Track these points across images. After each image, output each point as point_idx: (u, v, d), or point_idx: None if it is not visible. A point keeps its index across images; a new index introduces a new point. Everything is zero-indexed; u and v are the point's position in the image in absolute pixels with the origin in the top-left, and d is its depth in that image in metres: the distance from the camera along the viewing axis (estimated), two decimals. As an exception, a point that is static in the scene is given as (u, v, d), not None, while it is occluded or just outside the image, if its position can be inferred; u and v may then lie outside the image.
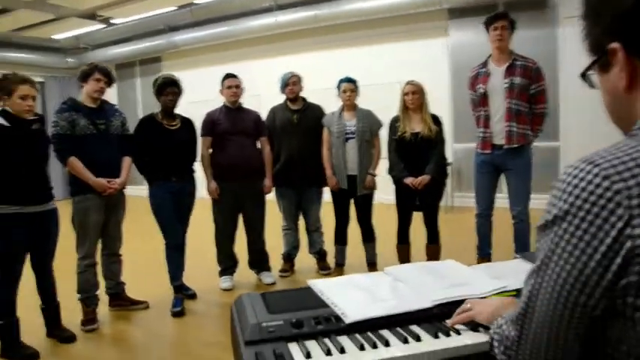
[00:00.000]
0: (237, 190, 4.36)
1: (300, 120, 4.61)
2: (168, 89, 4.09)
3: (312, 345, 1.22)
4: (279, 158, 4.62)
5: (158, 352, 3.39)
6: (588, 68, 0.86)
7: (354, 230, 4.68)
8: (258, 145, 4.58)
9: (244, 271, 4.65)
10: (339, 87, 4.54)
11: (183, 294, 4.15)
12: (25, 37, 10.14)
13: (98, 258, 3.91)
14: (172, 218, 4.10)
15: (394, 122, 4.26)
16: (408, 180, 4.10)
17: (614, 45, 0.78)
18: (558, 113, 7.14)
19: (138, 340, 3.62)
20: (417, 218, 4.36)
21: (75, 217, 3.75)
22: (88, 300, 3.77)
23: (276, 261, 4.74)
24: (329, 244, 4.77)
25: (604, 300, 0.72)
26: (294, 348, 1.20)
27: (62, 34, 10.32)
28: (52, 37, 10.51)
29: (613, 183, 0.70)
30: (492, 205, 4.13)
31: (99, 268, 3.92)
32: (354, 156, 4.45)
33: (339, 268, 4.70)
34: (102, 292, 3.95)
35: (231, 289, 4.46)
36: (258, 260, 4.62)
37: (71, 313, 3.70)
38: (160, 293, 4.23)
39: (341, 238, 4.67)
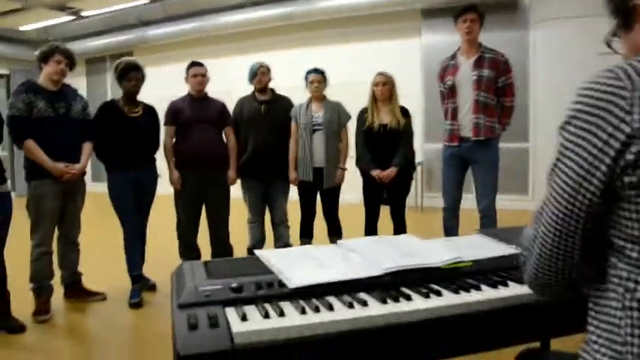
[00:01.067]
0: (201, 179, 4.24)
1: (267, 111, 4.52)
2: (131, 74, 3.97)
3: (250, 309, 1.14)
4: (246, 149, 4.53)
5: (113, 343, 3.25)
6: (614, 30, 0.95)
7: (320, 225, 4.60)
8: (224, 136, 4.48)
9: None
10: (306, 78, 4.48)
11: (142, 285, 4.02)
12: (-10, 27, 9.89)
13: (54, 247, 3.76)
14: (131, 207, 3.97)
15: (362, 113, 4.22)
16: (375, 172, 4.06)
17: (638, 1, 0.88)
18: (528, 115, 7.19)
19: (92, 331, 3.48)
20: (385, 213, 4.31)
21: (30, 202, 3.60)
22: (41, 289, 3.62)
23: (240, 254, 4.64)
24: (295, 238, 4.68)
25: (604, 184, 0.83)
26: (230, 311, 1.12)
27: (30, 25, 10.08)
28: (20, 28, 10.26)
29: (614, 84, 0.82)
30: (459, 199, 4.10)
31: (55, 258, 3.77)
32: (320, 148, 4.38)
33: (305, 263, 4.61)
34: (57, 283, 3.80)
35: (193, 281, 4.33)
36: (222, 253, 4.49)
37: (23, 304, 3.54)
38: (119, 285, 4.09)
39: (307, 232, 4.59)
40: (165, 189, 4.31)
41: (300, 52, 8.55)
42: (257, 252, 1.50)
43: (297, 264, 1.36)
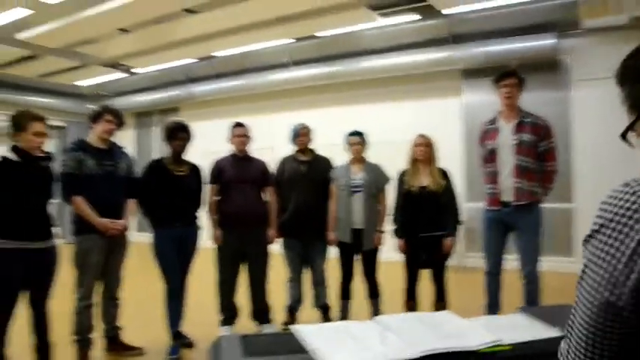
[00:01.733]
0: (241, 238, 4.30)
1: (308, 171, 4.59)
2: (179, 134, 4.13)
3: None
4: (287, 209, 4.58)
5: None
6: (629, 127, 0.93)
7: (359, 285, 4.57)
8: (265, 195, 4.56)
9: (245, 323, 4.53)
10: (347, 140, 4.54)
11: (181, 342, 4.05)
12: (49, 82, 10.45)
13: (96, 299, 3.85)
14: (174, 264, 4.05)
15: (402, 176, 4.24)
16: (399, 243, 4.22)
17: None
18: (571, 175, 7.06)
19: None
20: (425, 274, 4.26)
21: (76, 256, 3.71)
22: (82, 342, 3.70)
23: (278, 314, 4.62)
24: (333, 299, 4.65)
25: (631, 300, 0.80)
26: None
27: (85, 81, 10.62)
28: (75, 83, 10.81)
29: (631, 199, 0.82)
30: (501, 262, 4.02)
31: (97, 311, 3.85)
32: (359, 209, 4.40)
33: (343, 324, 4.55)
34: (98, 336, 3.86)
35: (229, 339, 4.33)
36: (260, 312, 4.50)
37: (65, 355, 3.60)
38: (157, 340, 4.12)
39: (345, 293, 4.55)
40: (205, 243, 4.37)
41: (342, 111, 8.69)
42: (293, 328, 1.51)
43: (335, 344, 1.35)
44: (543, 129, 3.83)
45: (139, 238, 6.59)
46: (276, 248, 4.55)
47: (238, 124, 4.51)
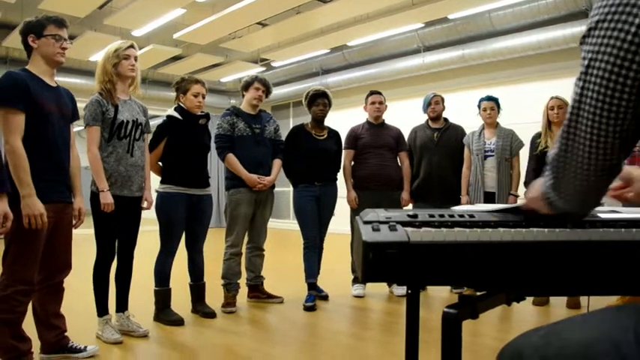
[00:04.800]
0: (375, 200, 4.49)
1: (440, 138, 4.69)
2: (319, 100, 4.44)
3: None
4: (419, 175, 4.72)
5: (289, 333, 3.58)
6: None
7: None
8: (399, 160, 4.73)
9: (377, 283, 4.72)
10: (479, 105, 4.58)
11: (316, 293, 4.34)
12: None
13: (244, 249, 4.24)
14: (313, 220, 4.35)
15: (536, 138, 4.19)
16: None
17: None
18: None
19: (271, 323, 3.84)
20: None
21: (227, 207, 4.14)
22: (230, 286, 4.09)
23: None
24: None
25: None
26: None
27: (228, 77, 11.47)
28: (220, 80, 11.72)
29: None
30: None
31: (243, 260, 4.24)
32: (492, 174, 4.42)
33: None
34: (242, 282, 4.25)
35: (362, 296, 4.56)
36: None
37: (213, 295, 4.03)
38: (295, 291, 4.44)
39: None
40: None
41: (475, 94, 8.57)
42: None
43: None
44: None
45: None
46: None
47: (373, 92, 4.74)
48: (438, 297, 4.55)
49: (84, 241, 4.04)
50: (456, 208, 1.42)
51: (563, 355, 0.81)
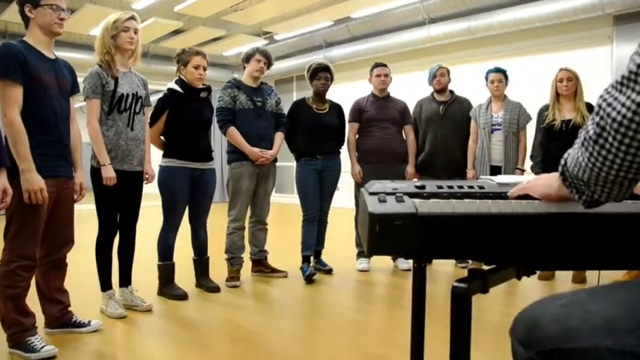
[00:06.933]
0: (381, 172, 4.44)
1: (445, 112, 4.62)
2: (321, 74, 4.37)
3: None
4: (424, 148, 4.66)
5: (292, 306, 3.57)
6: None
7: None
8: (404, 134, 4.67)
9: (382, 257, 4.71)
10: (487, 77, 4.49)
11: (316, 266, 4.38)
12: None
13: (247, 224, 4.21)
14: (314, 193, 4.32)
15: (543, 111, 4.12)
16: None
17: None
18: None
19: (275, 297, 3.84)
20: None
21: (229, 181, 4.10)
22: (233, 260, 4.07)
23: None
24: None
25: None
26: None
27: (230, 50, 11.33)
28: (223, 54, 11.59)
29: None
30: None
31: (247, 234, 4.22)
32: (499, 147, 4.36)
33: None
34: (246, 257, 4.24)
35: (367, 270, 4.55)
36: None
37: (218, 271, 4.02)
38: (299, 266, 4.42)
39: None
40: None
41: (482, 67, 8.45)
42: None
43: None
44: None
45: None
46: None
47: (379, 64, 4.66)
48: (443, 271, 4.53)
49: (89, 216, 4.02)
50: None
51: (585, 327, 0.77)
